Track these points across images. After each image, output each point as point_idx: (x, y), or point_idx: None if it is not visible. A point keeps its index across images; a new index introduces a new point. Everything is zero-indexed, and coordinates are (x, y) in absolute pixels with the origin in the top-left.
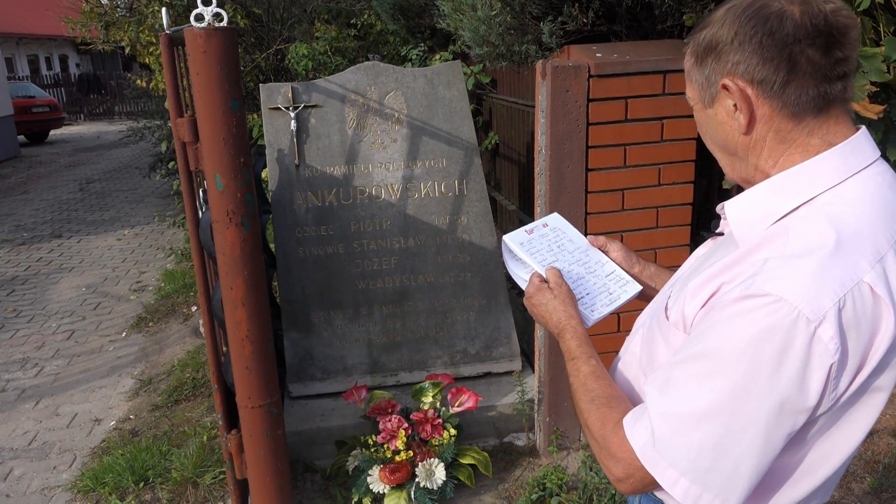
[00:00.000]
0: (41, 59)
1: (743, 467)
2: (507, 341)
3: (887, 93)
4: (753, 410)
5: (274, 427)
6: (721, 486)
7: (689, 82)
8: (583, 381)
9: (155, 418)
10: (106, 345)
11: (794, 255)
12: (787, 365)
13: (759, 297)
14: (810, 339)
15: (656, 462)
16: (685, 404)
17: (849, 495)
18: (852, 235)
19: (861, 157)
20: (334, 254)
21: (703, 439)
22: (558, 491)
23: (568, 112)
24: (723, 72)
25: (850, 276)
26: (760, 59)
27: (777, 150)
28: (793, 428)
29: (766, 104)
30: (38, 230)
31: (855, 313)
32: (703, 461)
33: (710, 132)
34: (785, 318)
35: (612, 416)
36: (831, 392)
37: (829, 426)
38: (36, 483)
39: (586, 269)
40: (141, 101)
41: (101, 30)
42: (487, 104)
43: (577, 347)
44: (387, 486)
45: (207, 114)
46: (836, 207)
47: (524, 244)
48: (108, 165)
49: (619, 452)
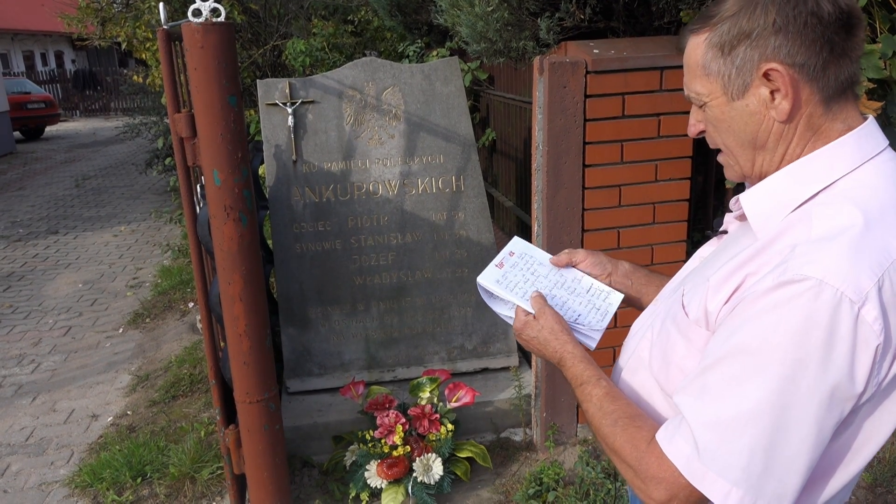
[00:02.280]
0: (37, 55)
1: (795, 466)
2: (504, 337)
3: (884, 89)
4: (804, 403)
5: (272, 422)
6: (775, 490)
7: (702, 77)
8: (598, 405)
9: (152, 414)
10: (103, 341)
11: (824, 238)
12: (836, 350)
13: (798, 283)
14: (855, 322)
15: (703, 475)
16: (730, 408)
17: None
18: (878, 216)
19: (875, 142)
20: (331, 250)
21: (755, 442)
22: (555, 486)
23: (565, 108)
24: (761, 57)
25: (884, 255)
26: (803, 40)
27: (805, 136)
28: (841, 416)
29: (805, 88)
30: (35, 226)
31: (893, 292)
32: (756, 466)
33: (737, 126)
34: (829, 301)
35: (641, 434)
36: (875, 376)
37: (867, 416)
38: (33, 479)
39: (567, 290)
40: (137, 97)
41: (98, 25)
42: (485, 100)
43: (583, 372)
44: (384, 481)
45: (205, 109)
46: (856, 191)
47: (500, 281)
48: (105, 162)
49: (658, 472)
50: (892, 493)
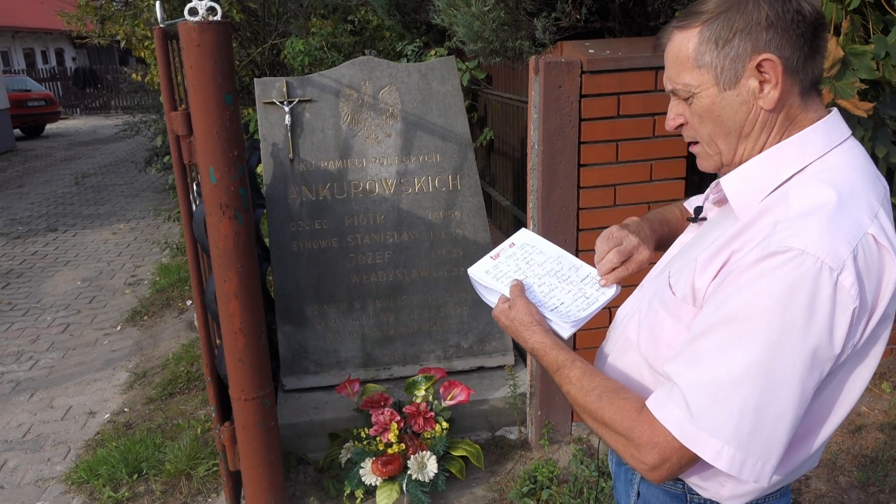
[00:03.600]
0: (37, 52)
1: (782, 424)
2: (500, 336)
3: (876, 90)
4: (790, 364)
5: (267, 419)
6: (763, 447)
7: (693, 70)
8: (578, 384)
9: (149, 411)
10: (101, 338)
11: (802, 214)
12: (817, 314)
13: (781, 254)
14: (834, 287)
15: (696, 436)
16: (720, 371)
17: (836, 488)
18: (849, 194)
19: (840, 130)
20: (328, 248)
21: (745, 402)
22: (549, 484)
23: (560, 108)
24: (754, 49)
25: (857, 228)
26: (792, 35)
27: (783, 125)
28: (821, 377)
29: (789, 80)
30: (34, 224)
31: (866, 261)
32: (746, 425)
33: (725, 115)
34: (810, 269)
35: (629, 405)
36: (851, 339)
37: (843, 378)
38: (30, 475)
39: (558, 277)
40: (137, 95)
41: (97, 23)
42: (483, 100)
43: (556, 357)
44: (379, 479)
45: (201, 107)
46: (827, 173)
47: (490, 271)
48: (104, 160)
49: (651, 437)
50: (884, 492)
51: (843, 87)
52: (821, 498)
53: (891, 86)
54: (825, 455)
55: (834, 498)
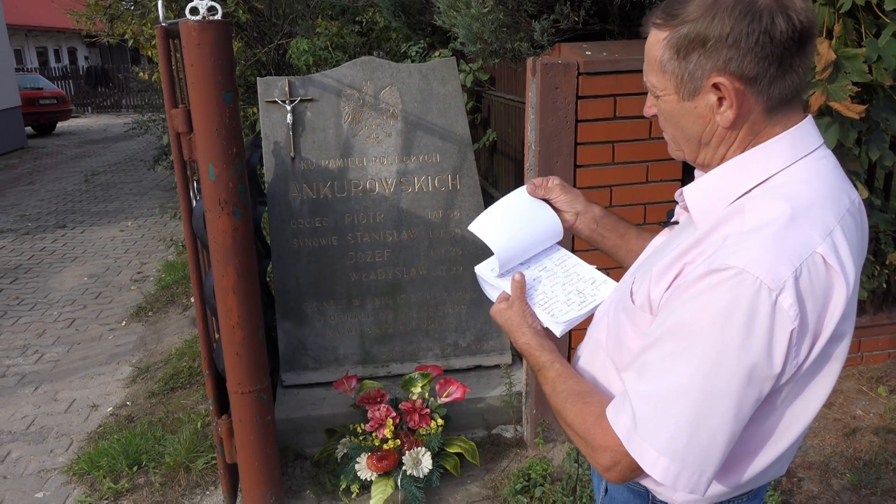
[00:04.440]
0: (50, 51)
1: (717, 439)
2: (497, 335)
3: (869, 93)
4: (726, 381)
5: (263, 413)
6: (698, 461)
7: (658, 73)
8: (552, 386)
9: (151, 405)
10: (106, 333)
11: (752, 230)
12: (754, 334)
13: (722, 271)
14: (773, 307)
15: (639, 445)
16: (662, 384)
17: (828, 490)
18: (804, 210)
19: (808, 141)
20: (328, 246)
21: (680, 415)
22: (542, 481)
23: (557, 109)
24: (712, 68)
25: (805, 247)
26: (754, 57)
27: (745, 140)
28: (760, 395)
29: (751, 99)
30: (43, 220)
31: (811, 282)
32: (681, 438)
33: (684, 123)
34: (749, 288)
35: (589, 409)
36: (793, 359)
37: (794, 396)
38: (33, 466)
39: (558, 275)
40: (146, 94)
41: (106, 22)
42: (486, 101)
43: (539, 357)
44: (374, 474)
45: (201, 105)
46: (788, 187)
47: (495, 269)
48: (114, 158)
49: (604, 441)
50: (875, 494)
51: (836, 90)
52: (812, 500)
53: (884, 89)
54: (818, 457)
55: (826, 500)
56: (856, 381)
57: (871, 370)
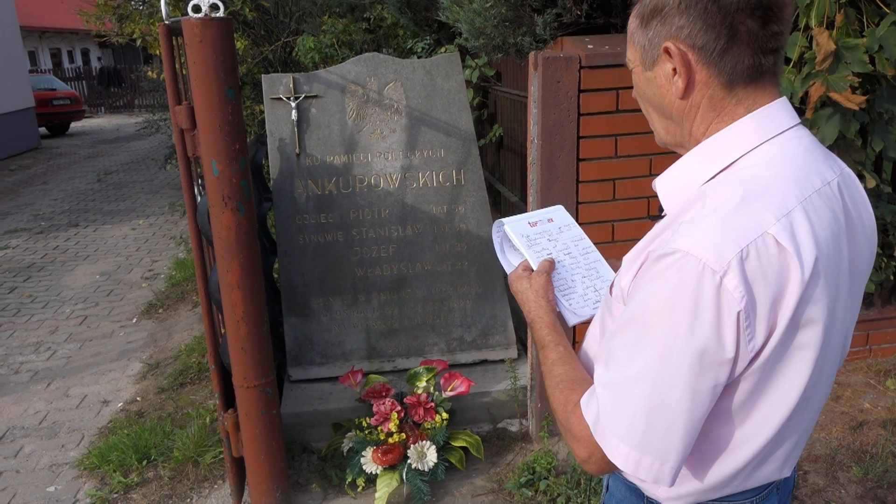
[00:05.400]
0: (63, 52)
1: (675, 426)
2: (503, 329)
3: (872, 84)
4: (677, 366)
5: (269, 407)
6: (657, 448)
7: (630, 45)
8: (550, 367)
9: (160, 400)
10: (117, 330)
11: (705, 215)
12: (701, 316)
13: (669, 256)
14: (717, 289)
15: (602, 433)
16: (620, 372)
17: (834, 483)
18: (759, 192)
19: (777, 122)
20: (333, 241)
21: (636, 402)
22: (547, 475)
23: (559, 102)
24: (666, 35)
25: (754, 227)
26: (703, 24)
27: (707, 116)
28: (717, 381)
29: (703, 70)
30: (56, 219)
31: (760, 264)
32: (638, 425)
33: (648, 94)
34: (692, 271)
35: (572, 397)
36: (748, 343)
37: (761, 388)
38: (45, 460)
39: (581, 267)
40: (157, 93)
41: (115, 22)
42: (493, 97)
43: (546, 336)
44: (379, 467)
45: (204, 101)
46: (748, 170)
47: (528, 236)
48: (126, 157)
49: (578, 432)
50: (882, 487)
51: (836, 81)
52: (818, 492)
53: (887, 79)
54: (824, 450)
55: (832, 493)
56: (864, 374)
57: (880, 363)
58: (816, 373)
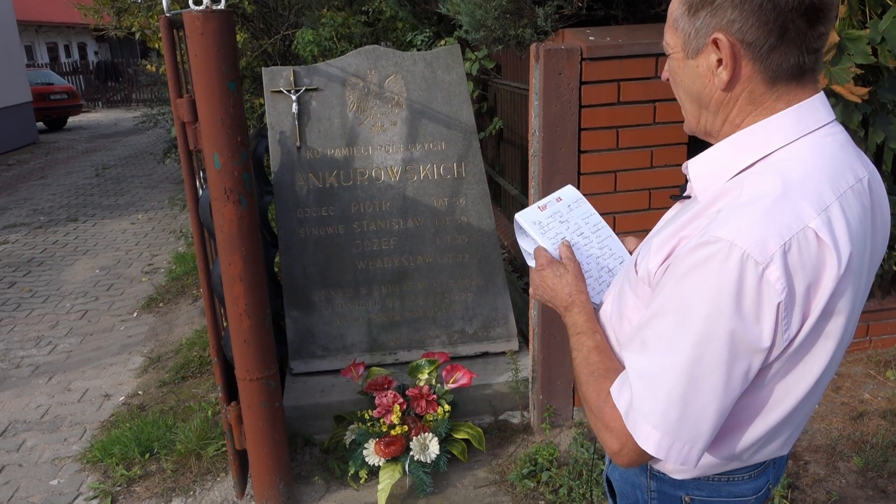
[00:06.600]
0: (60, 46)
1: (707, 412)
2: (504, 322)
3: (874, 75)
4: (716, 355)
5: (271, 399)
6: (689, 433)
7: (672, 30)
8: (586, 355)
9: (162, 394)
10: (117, 324)
11: (744, 204)
12: (743, 307)
13: (711, 245)
14: (759, 281)
15: (635, 421)
16: (655, 359)
17: (834, 473)
18: (799, 185)
19: (814, 118)
20: (334, 234)
21: (672, 389)
22: (549, 466)
23: (560, 94)
24: (716, 26)
25: (796, 221)
26: (756, 20)
27: (745, 109)
28: (750, 368)
29: (749, 65)
30: (55, 214)
31: (800, 256)
32: (673, 411)
33: (687, 83)
34: (736, 261)
35: (604, 386)
36: (783, 332)
37: (786, 370)
38: (47, 454)
39: (598, 244)
40: (155, 87)
41: (113, 16)
42: (493, 90)
43: (585, 322)
44: (382, 459)
45: (205, 94)
46: (786, 162)
47: (540, 223)
48: (125, 152)
49: (611, 422)
50: (882, 477)
51: (839, 72)
52: (819, 482)
53: (889, 70)
54: (825, 441)
55: (832, 482)
56: (864, 365)
57: (880, 354)
58: (833, 360)
